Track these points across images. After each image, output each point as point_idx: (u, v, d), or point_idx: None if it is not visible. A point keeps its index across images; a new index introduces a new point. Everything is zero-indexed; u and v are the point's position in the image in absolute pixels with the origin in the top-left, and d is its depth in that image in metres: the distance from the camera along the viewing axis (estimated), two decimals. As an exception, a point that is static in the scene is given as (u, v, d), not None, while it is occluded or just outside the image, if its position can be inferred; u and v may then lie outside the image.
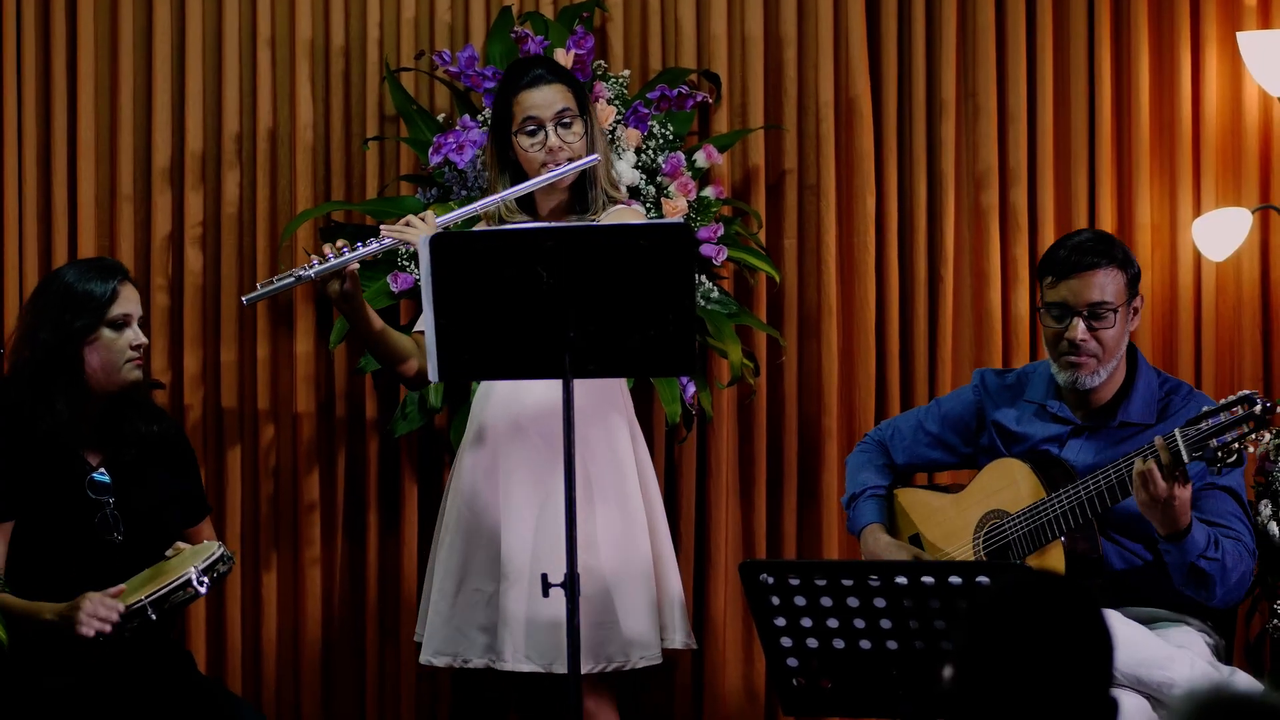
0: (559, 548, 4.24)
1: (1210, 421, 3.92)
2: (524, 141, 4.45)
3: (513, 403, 4.44)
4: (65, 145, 5.33)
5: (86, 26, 5.31)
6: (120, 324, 4.19)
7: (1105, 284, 4.19)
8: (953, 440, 4.48)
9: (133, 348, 4.20)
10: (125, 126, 5.33)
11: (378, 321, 4.44)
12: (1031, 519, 4.16)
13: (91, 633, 3.92)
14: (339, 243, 4.33)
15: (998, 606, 2.65)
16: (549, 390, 4.29)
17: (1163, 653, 4.01)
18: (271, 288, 4.34)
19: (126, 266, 4.34)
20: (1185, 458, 3.91)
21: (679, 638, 4.49)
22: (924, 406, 4.63)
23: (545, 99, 4.46)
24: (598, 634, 4.36)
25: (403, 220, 4.37)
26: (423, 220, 4.34)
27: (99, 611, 3.93)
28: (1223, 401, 3.94)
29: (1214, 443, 3.90)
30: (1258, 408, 3.90)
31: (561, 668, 4.28)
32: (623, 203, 4.55)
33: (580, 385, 4.23)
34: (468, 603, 4.42)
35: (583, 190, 4.50)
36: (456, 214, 4.47)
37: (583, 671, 4.32)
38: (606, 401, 4.46)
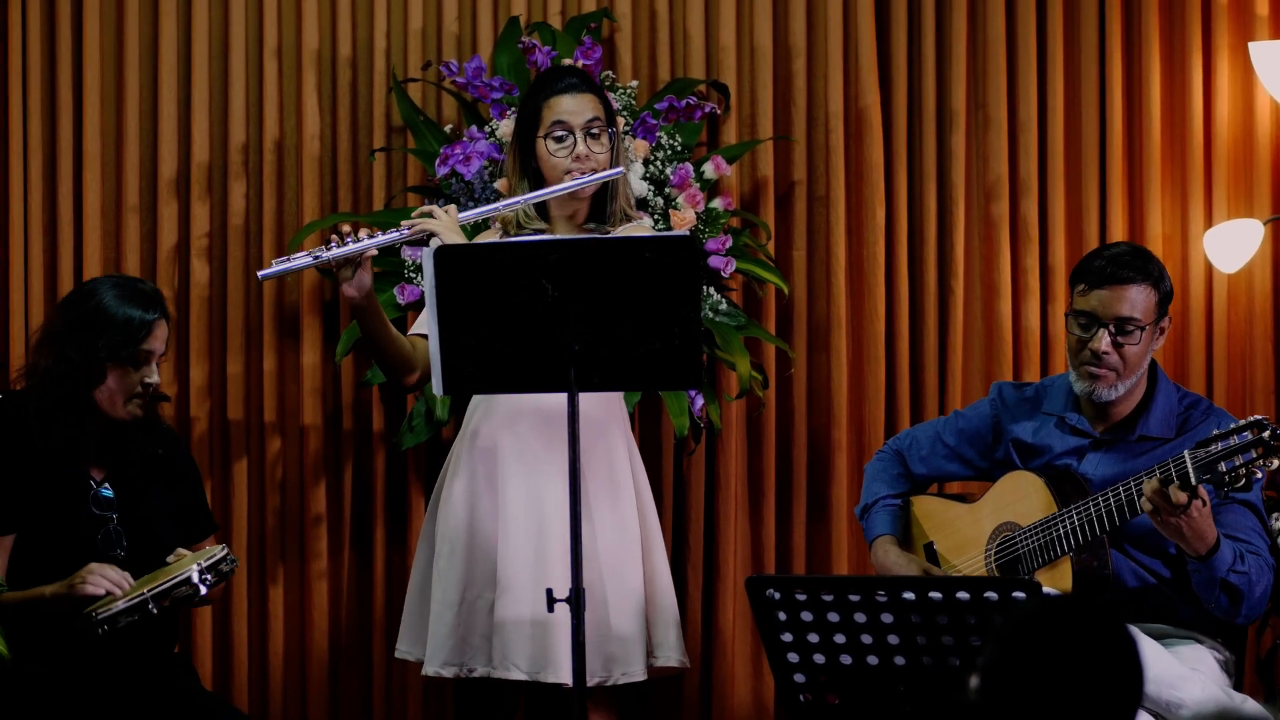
0: (552, 559, 4.22)
1: (1220, 445, 3.87)
2: (551, 146, 4.41)
3: (511, 411, 4.41)
4: (71, 156, 5.31)
5: (92, 37, 5.30)
6: (143, 360, 4.17)
7: (1136, 299, 4.16)
8: (969, 454, 4.45)
9: (143, 384, 4.18)
10: (131, 137, 5.31)
11: (387, 321, 4.40)
12: (1042, 533, 4.14)
13: (101, 591, 3.92)
14: (360, 230, 4.30)
15: (1032, 626, 2.61)
16: (549, 398, 4.27)
17: (1175, 672, 3.97)
18: (287, 265, 4.29)
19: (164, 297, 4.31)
20: (1193, 480, 3.87)
21: (673, 655, 4.45)
22: (943, 418, 4.60)
23: (577, 106, 4.43)
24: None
25: (424, 210, 4.35)
26: (446, 212, 4.32)
27: (107, 573, 3.95)
28: (1234, 424, 3.90)
29: (1223, 466, 3.85)
30: (1267, 433, 3.85)
31: (549, 676, 4.29)
32: (637, 220, 4.52)
33: (584, 396, 4.21)
34: (471, 611, 4.39)
35: (602, 203, 4.47)
36: (477, 212, 4.43)
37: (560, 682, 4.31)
38: (608, 414, 4.44)
